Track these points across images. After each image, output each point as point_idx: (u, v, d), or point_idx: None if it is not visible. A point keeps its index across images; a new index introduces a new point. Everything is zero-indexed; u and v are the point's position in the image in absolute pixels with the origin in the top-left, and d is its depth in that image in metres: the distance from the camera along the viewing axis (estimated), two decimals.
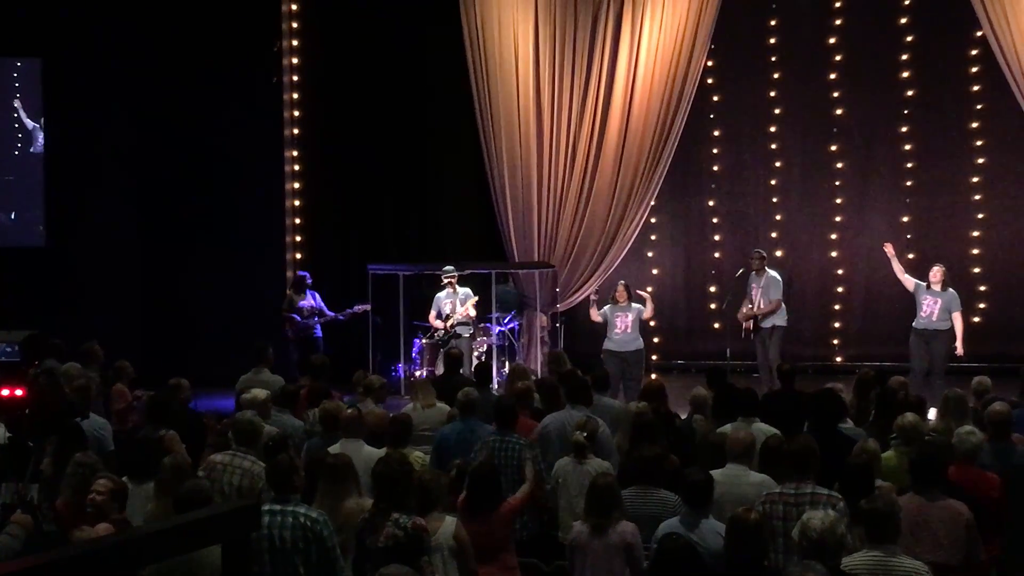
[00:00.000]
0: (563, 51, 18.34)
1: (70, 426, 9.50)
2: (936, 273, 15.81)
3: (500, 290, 18.30)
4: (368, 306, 17.53)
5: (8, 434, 7.77)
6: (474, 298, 17.04)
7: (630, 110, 18.15)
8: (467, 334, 16.93)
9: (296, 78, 19.26)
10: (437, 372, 15.98)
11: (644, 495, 8.40)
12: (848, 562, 6.63)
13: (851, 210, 19.39)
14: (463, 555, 7.52)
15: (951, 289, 15.80)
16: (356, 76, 19.00)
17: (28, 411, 7.83)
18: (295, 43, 19.22)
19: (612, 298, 16.70)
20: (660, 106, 18.04)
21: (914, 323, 15.87)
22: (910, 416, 9.45)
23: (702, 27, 17.91)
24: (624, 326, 16.30)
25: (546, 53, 18.38)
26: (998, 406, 9.73)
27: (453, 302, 16.99)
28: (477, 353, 17.30)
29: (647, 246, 19.87)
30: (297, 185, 19.32)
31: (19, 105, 19.04)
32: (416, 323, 17.77)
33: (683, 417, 11.52)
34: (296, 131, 19.28)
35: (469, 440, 9.90)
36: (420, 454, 9.76)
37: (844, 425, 9.96)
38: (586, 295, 18.27)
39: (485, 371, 13.59)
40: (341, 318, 17.26)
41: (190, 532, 3.80)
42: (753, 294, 16.60)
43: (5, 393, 9.36)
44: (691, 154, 19.46)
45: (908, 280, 16.14)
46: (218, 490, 8.20)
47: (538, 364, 17.78)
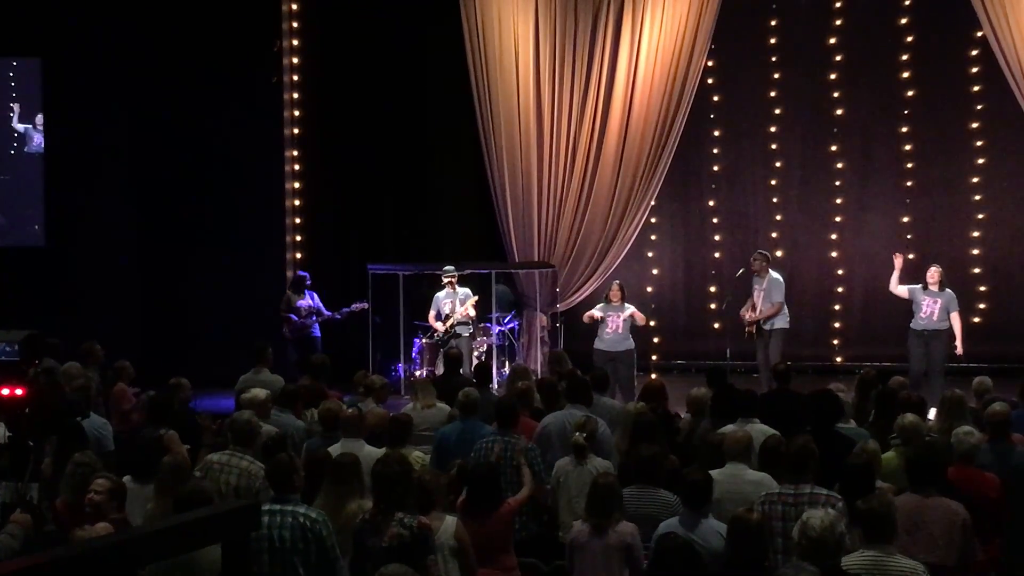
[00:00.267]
0: (563, 51, 18.34)
1: (70, 426, 9.51)
2: (933, 274, 15.81)
3: (498, 290, 18.29)
4: (366, 304, 17.50)
5: (8, 433, 7.76)
6: (474, 298, 17.02)
7: (630, 110, 18.15)
8: (466, 334, 16.92)
9: (296, 78, 19.25)
10: (437, 372, 15.98)
11: (643, 495, 8.39)
12: (845, 562, 6.63)
13: (851, 210, 19.38)
14: (463, 555, 7.52)
15: (948, 289, 15.82)
16: (356, 76, 19.00)
17: (28, 411, 7.82)
18: (295, 43, 19.21)
19: (605, 297, 16.68)
20: (660, 106, 18.05)
21: (912, 324, 15.85)
22: (910, 416, 9.46)
23: (702, 27, 17.91)
24: (615, 326, 16.26)
25: (546, 53, 18.38)
26: (997, 406, 9.73)
27: (453, 302, 16.97)
28: (477, 353, 17.29)
29: (647, 246, 19.86)
30: (297, 185, 19.31)
31: (16, 107, 19.00)
32: (416, 323, 17.77)
33: (683, 417, 11.54)
34: (296, 131, 19.26)
35: (469, 440, 9.90)
36: (420, 454, 9.75)
37: (844, 425, 9.96)
38: (586, 295, 18.32)
39: (485, 371, 13.58)
40: (338, 317, 17.22)
41: (190, 532, 3.80)
42: (755, 296, 16.56)
43: (5, 392, 9.35)
44: (691, 154, 19.45)
45: (902, 290, 16.12)
46: (215, 490, 8.18)
47: (538, 364, 17.76)
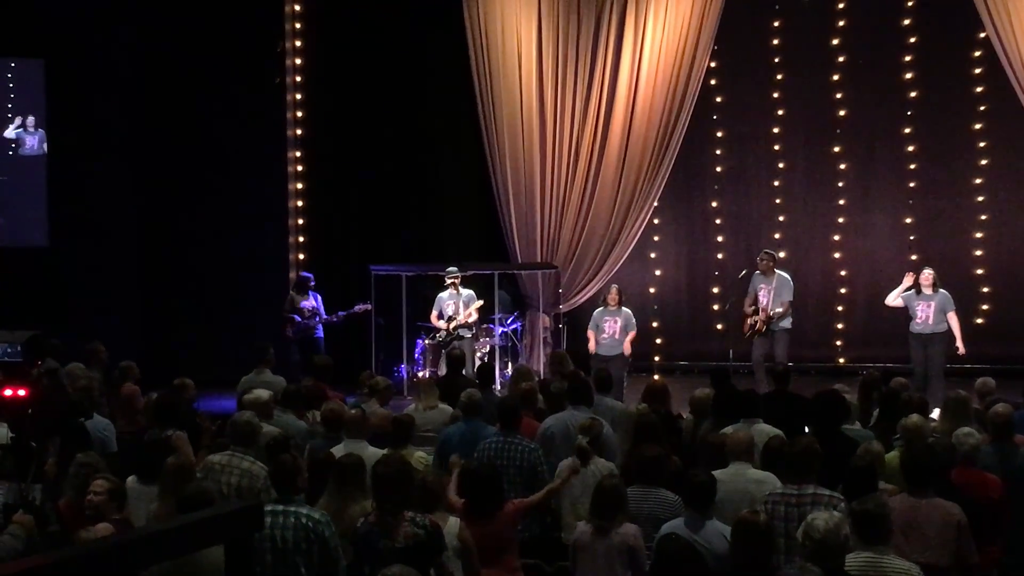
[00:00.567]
0: (566, 51, 18.34)
1: (73, 426, 9.50)
2: (927, 277, 15.80)
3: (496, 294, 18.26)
4: (369, 306, 17.46)
5: (11, 434, 7.74)
6: (478, 302, 16.98)
7: (633, 111, 18.15)
8: (468, 335, 16.91)
9: (299, 79, 19.27)
10: (440, 373, 15.96)
11: (645, 495, 8.38)
12: None
13: (854, 211, 19.36)
14: (466, 556, 7.51)
15: (942, 290, 15.81)
16: (359, 77, 18.98)
17: (31, 411, 7.82)
18: (298, 44, 19.22)
19: (603, 300, 16.69)
20: (663, 107, 18.05)
21: (911, 327, 15.85)
22: (915, 417, 9.45)
23: (705, 28, 17.92)
24: (612, 331, 16.30)
25: (549, 53, 18.39)
26: (1001, 408, 9.71)
27: (456, 303, 16.94)
28: (480, 354, 17.27)
29: (650, 247, 19.85)
30: (300, 186, 19.31)
31: (14, 117, 18.95)
32: (419, 324, 17.75)
33: (685, 418, 11.53)
34: (299, 132, 19.28)
35: (472, 441, 9.90)
36: (423, 454, 9.75)
37: (849, 426, 9.95)
38: (589, 296, 18.31)
39: (488, 372, 13.58)
40: (335, 320, 17.16)
41: (193, 532, 3.79)
42: (761, 295, 16.52)
43: (8, 393, 9.35)
44: (694, 155, 19.43)
45: (898, 302, 16.10)
46: (216, 491, 8.18)
47: (541, 365, 17.75)
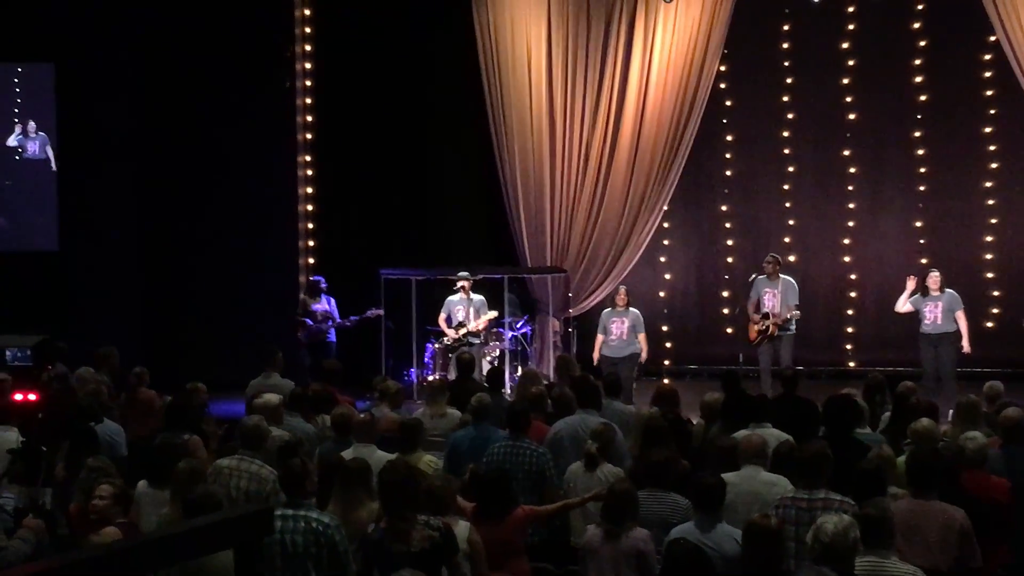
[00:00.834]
0: (575, 56, 18.34)
1: (82, 430, 9.52)
2: (934, 279, 15.94)
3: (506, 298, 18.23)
4: (381, 311, 17.46)
5: (21, 439, 7.77)
6: (491, 313, 16.95)
7: (643, 114, 18.14)
8: (477, 341, 16.88)
9: (308, 83, 19.28)
10: (449, 377, 15.94)
11: (655, 498, 8.37)
12: None
13: (864, 215, 19.33)
14: (475, 560, 7.51)
15: (949, 290, 15.92)
16: (368, 81, 18.97)
17: (41, 416, 7.85)
18: (307, 48, 19.24)
19: (612, 301, 16.70)
20: (673, 111, 18.04)
21: (921, 329, 15.95)
22: (925, 421, 9.44)
23: (715, 32, 17.90)
24: (620, 332, 16.35)
25: (558, 58, 18.38)
26: (1011, 411, 9.69)
27: (467, 309, 16.90)
28: (490, 358, 17.25)
29: (659, 251, 19.83)
30: (309, 190, 19.32)
31: (18, 125, 18.97)
32: (428, 328, 17.73)
33: (695, 422, 11.51)
34: (308, 136, 19.29)
35: (482, 445, 9.90)
36: (432, 458, 9.75)
37: (861, 431, 9.92)
38: (599, 300, 18.30)
39: (497, 376, 13.55)
40: (348, 325, 17.17)
41: (203, 536, 3.79)
42: (766, 299, 16.54)
43: (18, 397, 9.37)
44: (703, 159, 19.41)
45: (907, 307, 16.19)
46: (225, 494, 8.19)
47: (551, 369, 17.73)
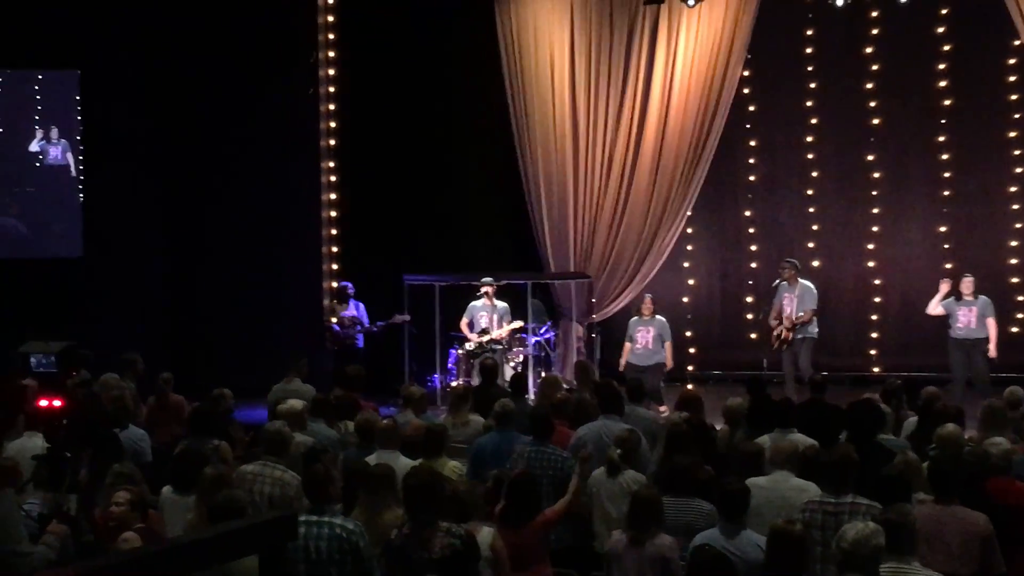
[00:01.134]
0: (599, 61, 18.33)
1: (105, 436, 9.52)
2: (967, 283, 15.92)
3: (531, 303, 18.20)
4: (407, 317, 17.49)
5: (46, 445, 7.79)
6: (516, 324, 16.98)
7: (666, 121, 18.12)
8: (500, 348, 16.88)
9: (332, 89, 19.29)
10: (473, 383, 15.93)
11: (679, 504, 8.35)
12: None
13: (887, 220, 19.27)
14: (498, 565, 7.49)
15: (982, 296, 15.89)
16: (392, 87, 18.98)
17: (66, 422, 7.86)
18: (331, 54, 19.25)
19: (637, 310, 16.72)
20: (696, 116, 18.02)
21: (951, 333, 15.93)
22: (950, 427, 9.40)
23: (738, 37, 17.87)
24: (645, 341, 16.40)
25: (582, 64, 18.38)
26: None
27: (490, 316, 16.93)
28: (513, 364, 17.24)
29: (683, 256, 19.80)
30: (333, 196, 19.33)
31: (38, 129, 18.99)
32: (452, 334, 17.72)
33: (718, 428, 11.48)
34: (332, 142, 19.30)
35: (506, 450, 9.88)
36: (456, 464, 9.73)
37: (884, 436, 9.89)
38: (622, 305, 18.30)
39: (521, 381, 13.54)
40: (375, 330, 17.23)
41: (228, 542, 3.79)
42: (785, 304, 16.52)
43: (43, 404, 9.38)
44: (727, 164, 19.37)
45: (939, 309, 16.16)
46: (249, 500, 8.19)
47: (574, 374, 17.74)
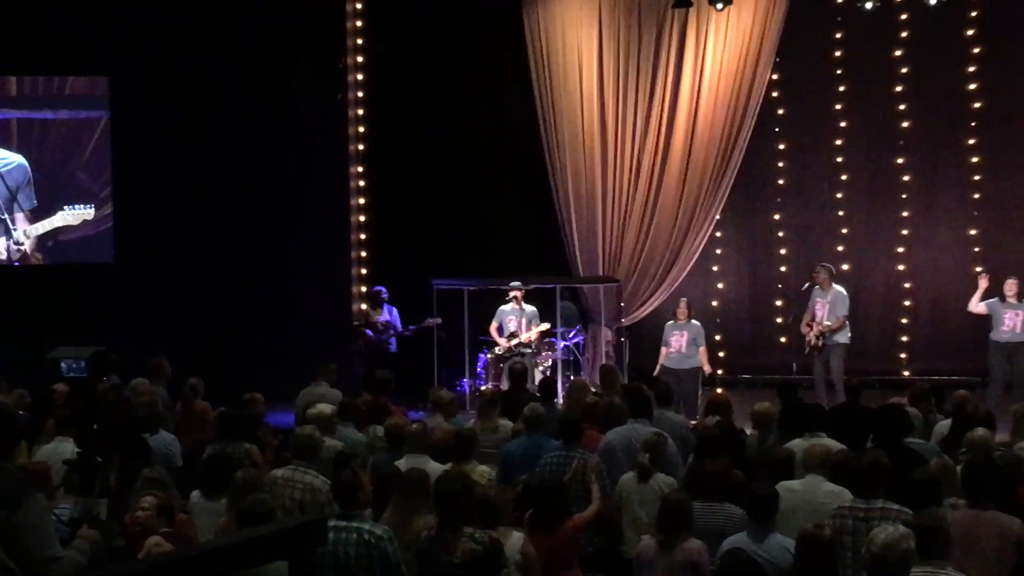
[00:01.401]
0: (627, 65, 18.31)
1: (135, 441, 9.56)
2: (1011, 286, 15.80)
3: (561, 305, 18.21)
4: (439, 320, 17.55)
5: (76, 449, 7.82)
6: (543, 325, 17.00)
7: (695, 124, 18.10)
8: (529, 351, 16.88)
9: (361, 94, 19.32)
10: (502, 387, 15.94)
11: (709, 510, 8.33)
12: None
13: (918, 223, 19.18)
14: (529, 571, 7.49)
15: None
16: (421, 90, 18.99)
17: (96, 426, 7.90)
18: (360, 59, 19.28)
19: (672, 314, 16.72)
20: (725, 120, 18.00)
21: (994, 336, 15.84)
22: (980, 431, 9.34)
23: (767, 41, 17.85)
24: (679, 345, 16.38)
25: (610, 67, 18.37)
26: None
27: (519, 320, 16.95)
28: (542, 368, 17.24)
29: (712, 260, 19.75)
30: (362, 201, 19.36)
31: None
32: (481, 339, 17.74)
33: (748, 433, 11.46)
34: (361, 147, 19.33)
35: (535, 455, 9.87)
36: (486, 468, 9.72)
37: (912, 440, 9.85)
38: (651, 309, 18.30)
39: (550, 386, 13.54)
40: (407, 334, 17.31)
41: (257, 547, 3.80)
42: (817, 309, 16.47)
43: (74, 408, 9.43)
44: (756, 168, 19.32)
45: (981, 307, 16.06)
46: (279, 505, 8.21)
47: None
